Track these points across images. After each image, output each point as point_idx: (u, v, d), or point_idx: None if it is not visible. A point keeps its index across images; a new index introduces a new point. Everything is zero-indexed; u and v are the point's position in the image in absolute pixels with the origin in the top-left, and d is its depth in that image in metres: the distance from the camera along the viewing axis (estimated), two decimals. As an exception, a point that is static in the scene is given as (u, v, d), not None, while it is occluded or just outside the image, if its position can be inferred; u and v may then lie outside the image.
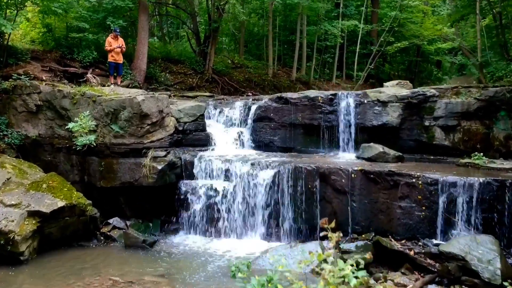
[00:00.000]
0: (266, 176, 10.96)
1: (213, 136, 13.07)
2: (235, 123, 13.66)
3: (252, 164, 11.24)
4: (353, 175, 10.03)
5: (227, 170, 11.50)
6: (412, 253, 8.74)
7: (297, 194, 10.67)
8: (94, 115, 11.53)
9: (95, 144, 10.97)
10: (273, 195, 10.90)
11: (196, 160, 11.75)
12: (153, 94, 11.79)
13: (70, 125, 11.10)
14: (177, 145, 12.35)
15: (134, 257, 9.84)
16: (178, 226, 11.67)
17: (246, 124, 13.47)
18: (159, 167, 11.19)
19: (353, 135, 12.43)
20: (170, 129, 12.02)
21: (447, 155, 11.85)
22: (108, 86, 13.56)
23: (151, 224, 11.68)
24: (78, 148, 11.02)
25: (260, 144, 13.25)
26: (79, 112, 11.60)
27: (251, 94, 18.02)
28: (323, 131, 12.70)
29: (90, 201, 10.64)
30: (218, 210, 11.32)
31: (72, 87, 12.94)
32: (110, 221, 11.44)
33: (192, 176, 11.78)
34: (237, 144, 13.31)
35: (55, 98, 12.08)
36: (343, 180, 10.12)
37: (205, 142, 12.88)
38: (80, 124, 10.96)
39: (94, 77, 14.35)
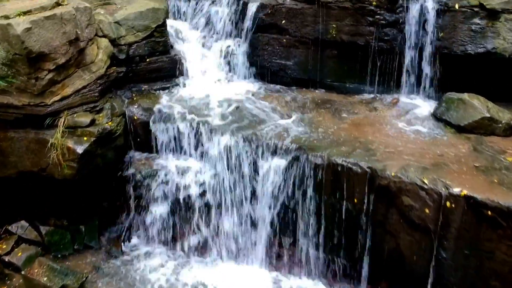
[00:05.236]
0: (274, 168, 6.02)
1: (185, 59, 7.63)
2: (221, 33, 8.03)
3: (248, 141, 6.18)
4: (448, 204, 5.07)
5: (204, 144, 6.55)
6: None
7: (330, 208, 5.88)
8: (-49, 46, 6.09)
9: None
10: (286, 201, 6.11)
11: (152, 121, 6.69)
12: (55, 3, 6.03)
13: None
14: (119, 86, 7.07)
15: None
16: (129, 227, 7.10)
17: (240, 35, 7.87)
18: (80, 150, 6.12)
19: (429, 69, 7.00)
20: (99, 65, 6.56)
21: None
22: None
23: (83, 229, 7.05)
24: None
25: (262, 72, 7.83)
26: None
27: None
28: (374, 56, 7.17)
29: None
30: (193, 212, 6.67)
31: None
32: (13, 228, 6.83)
33: (147, 146, 6.87)
34: (224, 70, 7.92)
35: None
36: (427, 210, 5.19)
37: (170, 72, 7.51)
38: None
39: None
